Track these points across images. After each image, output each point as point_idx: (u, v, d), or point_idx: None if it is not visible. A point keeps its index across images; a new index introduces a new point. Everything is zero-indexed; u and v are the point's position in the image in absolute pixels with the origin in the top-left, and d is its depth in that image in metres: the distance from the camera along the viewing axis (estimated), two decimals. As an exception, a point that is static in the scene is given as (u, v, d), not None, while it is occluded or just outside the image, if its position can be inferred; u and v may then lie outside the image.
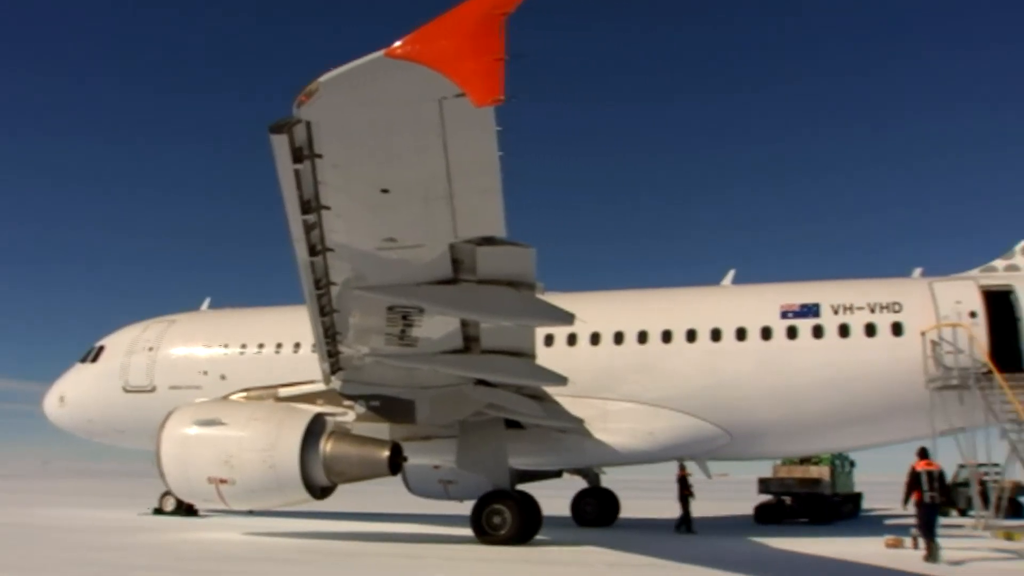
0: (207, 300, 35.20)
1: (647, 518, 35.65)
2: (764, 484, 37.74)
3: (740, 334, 26.60)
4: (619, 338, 27.39)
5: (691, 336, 26.93)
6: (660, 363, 26.87)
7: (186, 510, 32.66)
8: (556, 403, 24.85)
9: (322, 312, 18.94)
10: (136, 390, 31.46)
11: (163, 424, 23.43)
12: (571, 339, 27.20)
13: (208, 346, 31.50)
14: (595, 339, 27.45)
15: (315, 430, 22.76)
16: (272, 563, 20.23)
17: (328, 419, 23.59)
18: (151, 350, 31.88)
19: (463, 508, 27.11)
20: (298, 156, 12.98)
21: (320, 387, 24.43)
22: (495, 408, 24.05)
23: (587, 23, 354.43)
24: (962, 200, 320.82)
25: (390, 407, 23.87)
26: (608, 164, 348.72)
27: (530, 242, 16.16)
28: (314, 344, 21.73)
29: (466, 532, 24.46)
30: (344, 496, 26.44)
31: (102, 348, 33.29)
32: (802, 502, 35.58)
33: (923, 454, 21.68)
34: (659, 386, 26.62)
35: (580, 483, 34.39)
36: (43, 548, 22.81)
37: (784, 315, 26.62)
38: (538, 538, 24.70)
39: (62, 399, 33.47)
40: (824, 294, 26.88)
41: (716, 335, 26.75)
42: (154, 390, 31.05)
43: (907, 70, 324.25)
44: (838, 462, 38.03)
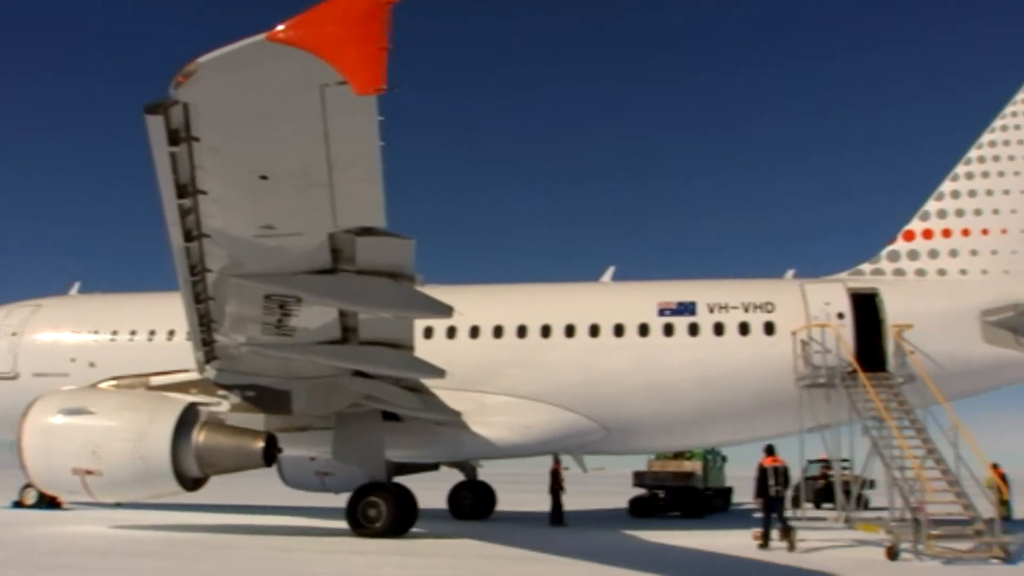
0: (76, 284, 33.92)
1: (524, 511, 35.95)
2: (638, 478, 38.51)
3: (618, 330, 27.07)
4: (498, 332, 27.55)
5: (569, 331, 27.28)
6: (538, 358, 27.13)
7: (49, 503, 31.58)
8: (434, 396, 24.83)
9: (197, 299, 18.55)
10: (-3, 377, 30.18)
11: (26, 412, 22.53)
12: (450, 332, 27.24)
13: (77, 332, 30.37)
14: (474, 332, 27.53)
15: (188, 420, 22.30)
16: (138, 558, 19.66)
17: (201, 409, 23.12)
18: (14, 335, 30.56)
19: (339, 500, 26.89)
20: (174, 138, 12.64)
21: (194, 376, 23.87)
22: (372, 400, 23.94)
23: (471, 14, 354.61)
24: (834, 204, 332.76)
25: (266, 397, 23.49)
26: (490, 157, 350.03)
27: (411, 234, 16.12)
28: (188, 332, 21.29)
29: (341, 525, 24.31)
30: (217, 488, 25.93)
31: (-39, 333, 31.79)
32: (675, 496, 36.40)
33: (770, 451, 23.40)
34: (537, 380, 26.89)
35: (457, 476, 34.52)
36: None
37: (661, 313, 27.21)
38: (414, 531, 24.70)
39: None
40: (701, 293, 27.58)
41: (594, 331, 27.17)
42: (17, 377, 29.77)
43: (784, 72, 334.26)
44: (710, 457, 39.05)
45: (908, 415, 23.55)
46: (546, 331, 27.40)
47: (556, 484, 30.39)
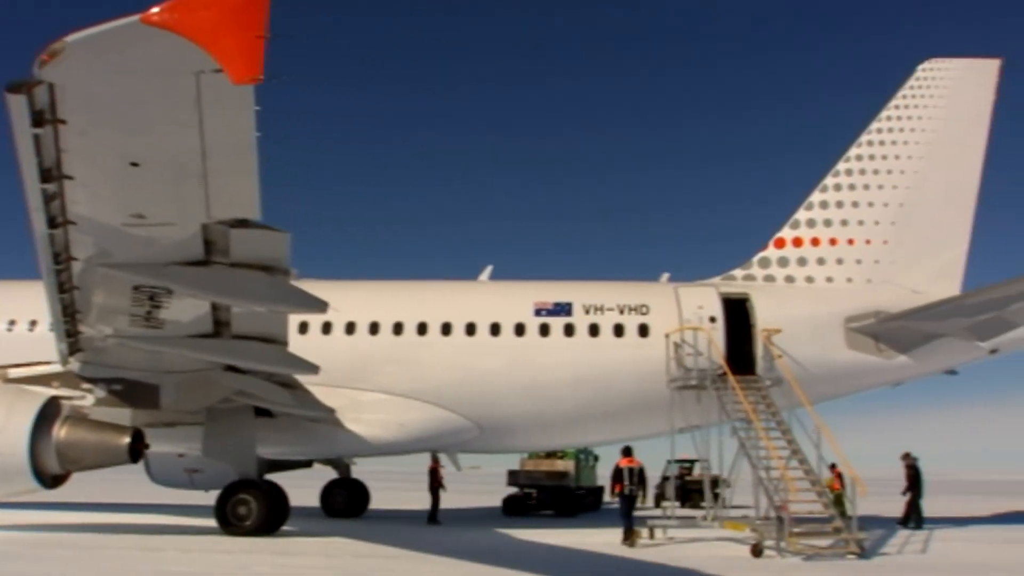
0: (-70, 273, 32.39)
1: (397, 509, 35.86)
2: (512, 477, 38.79)
3: (494, 329, 27.26)
4: (374, 328, 27.43)
5: (446, 329, 27.34)
6: (414, 355, 27.12)
7: None
8: (308, 392, 24.56)
9: (61, 289, 17.84)
10: None
11: None
12: (326, 327, 26.97)
13: (-70, 322, 28.90)
14: (350, 328, 27.35)
15: (48, 414, 21.38)
16: (-7, 558, 18.85)
17: (64, 403, 22.24)
18: None
19: (208, 498, 26.30)
20: (39, 120, 12.14)
21: (56, 368, 23.01)
22: (244, 395, 23.57)
23: (356, 6, 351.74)
24: (710, 209, 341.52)
25: (132, 391, 22.79)
26: (371, 153, 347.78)
27: (288, 227, 15.91)
28: (52, 323, 20.51)
29: (210, 523, 23.83)
30: (80, 485, 25.06)
31: None
32: (548, 494, 36.75)
33: (627, 452, 24.30)
34: (412, 378, 26.90)
35: (330, 473, 34.17)
36: None
37: (538, 313, 27.54)
38: (285, 529, 24.39)
39: None
40: (577, 294, 28.01)
41: (471, 329, 27.29)
42: None
43: (665, 78, 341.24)
44: (582, 456, 39.52)
45: (775, 417, 24.43)
46: (422, 329, 27.39)
47: (435, 482, 30.38)
